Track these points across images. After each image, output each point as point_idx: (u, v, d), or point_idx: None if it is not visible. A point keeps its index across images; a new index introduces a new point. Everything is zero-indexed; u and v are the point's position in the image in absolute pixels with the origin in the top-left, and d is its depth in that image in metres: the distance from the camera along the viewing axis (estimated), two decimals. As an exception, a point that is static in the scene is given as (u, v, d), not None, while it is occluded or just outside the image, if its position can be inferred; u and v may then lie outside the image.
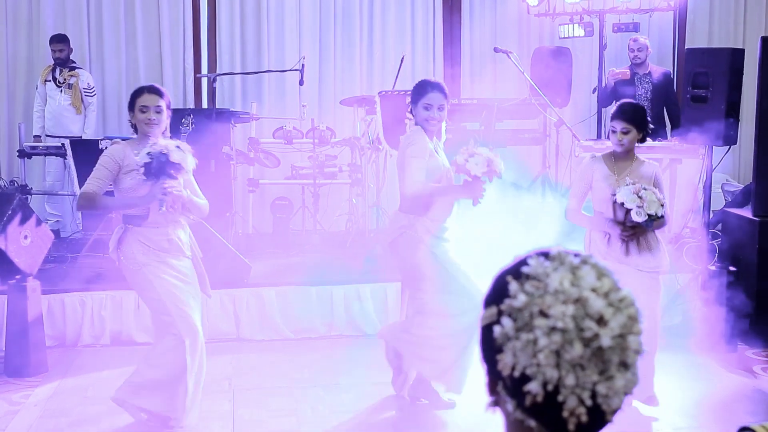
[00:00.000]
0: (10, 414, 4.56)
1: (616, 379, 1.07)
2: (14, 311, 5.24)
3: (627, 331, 1.08)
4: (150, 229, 4.10)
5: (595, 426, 1.10)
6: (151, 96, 4.10)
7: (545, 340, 1.06)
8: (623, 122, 4.40)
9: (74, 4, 8.32)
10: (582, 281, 1.09)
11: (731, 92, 5.97)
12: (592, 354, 1.06)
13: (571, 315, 1.07)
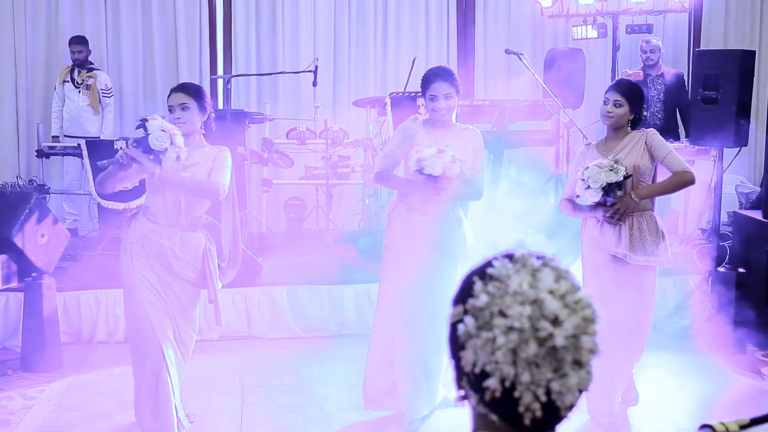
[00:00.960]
0: (25, 408, 4.66)
1: (570, 377, 1.12)
2: (30, 308, 5.34)
3: (581, 332, 1.13)
4: (149, 223, 3.95)
5: (550, 421, 1.16)
6: (177, 95, 4.00)
7: (503, 339, 1.12)
8: (618, 94, 4.17)
9: (92, 5, 8.45)
10: (540, 283, 1.14)
11: (742, 94, 5.97)
12: (546, 353, 1.12)
13: (527, 315, 1.12)
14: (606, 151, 4.19)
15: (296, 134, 7.46)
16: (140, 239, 3.92)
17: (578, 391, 1.16)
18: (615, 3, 8.49)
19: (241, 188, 7.00)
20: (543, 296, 1.14)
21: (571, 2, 8.44)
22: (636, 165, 4.12)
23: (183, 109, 3.94)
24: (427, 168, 3.94)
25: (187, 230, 3.96)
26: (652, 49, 7.76)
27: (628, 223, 4.14)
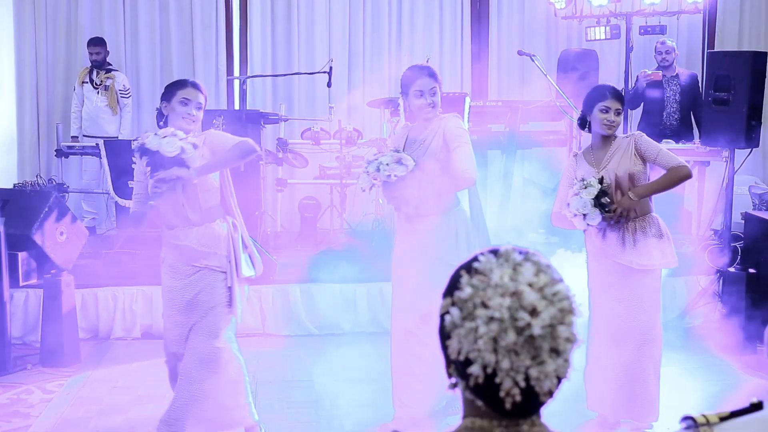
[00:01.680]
0: (44, 402, 4.77)
1: (547, 364, 1.20)
2: (50, 304, 5.46)
3: (557, 322, 1.20)
4: (166, 230, 3.92)
5: (529, 406, 1.23)
6: (194, 91, 3.86)
7: (484, 328, 1.20)
8: (618, 102, 4.08)
9: (111, 7, 8.58)
10: (520, 276, 1.22)
11: (753, 95, 5.99)
12: (524, 341, 1.19)
13: (507, 306, 1.20)
14: (596, 161, 4.13)
15: (311, 134, 7.54)
16: (166, 249, 3.93)
17: (556, 378, 1.22)
18: (628, 4, 8.51)
19: (255, 188, 7.10)
20: (522, 288, 1.21)
21: (585, 3, 8.48)
22: (631, 172, 4.06)
23: (198, 109, 3.88)
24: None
25: (203, 223, 3.88)
26: (668, 50, 7.79)
27: (631, 229, 4.09)
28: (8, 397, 4.85)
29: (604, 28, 8.41)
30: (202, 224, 3.87)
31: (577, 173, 4.13)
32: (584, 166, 4.14)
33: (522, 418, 1.26)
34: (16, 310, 5.73)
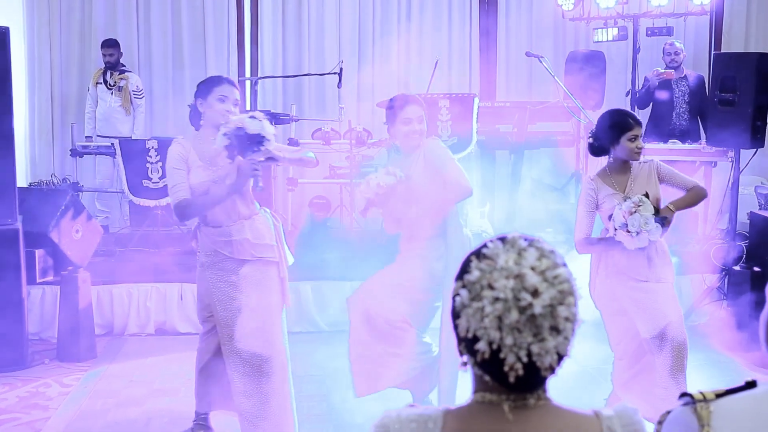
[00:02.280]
0: (62, 395, 4.88)
1: (548, 341, 1.30)
2: (66, 301, 5.57)
3: (557, 302, 1.30)
4: (213, 228, 3.86)
5: (532, 380, 1.33)
6: (230, 87, 3.83)
7: (490, 308, 1.31)
8: (640, 127, 4.08)
9: (124, 9, 8.71)
10: (524, 261, 1.33)
11: (758, 96, 6.08)
12: (526, 319, 1.29)
13: (510, 288, 1.30)
14: (618, 185, 4.07)
15: (321, 134, 7.64)
16: (207, 250, 3.88)
17: (557, 354, 1.32)
18: (635, 6, 8.59)
19: (267, 187, 7.18)
20: (525, 271, 1.31)
21: (592, 5, 8.56)
22: (657, 197, 4.04)
23: (235, 105, 3.83)
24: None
25: (250, 216, 3.87)
26: (676, 51, 7.87)
27: (656, 249, 4.07)
28: (27, 390, 4.96)
29: (611, 29, 8.50)
30: (250, 217, 3.86)
31: (599, 195, 4.05)
32: (606, 189, 4.06)
33: (527, 392, 1.35)
34: (32, 306, 5.84)
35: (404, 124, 4.12)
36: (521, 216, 7.45)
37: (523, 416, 1.36)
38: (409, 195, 4.09)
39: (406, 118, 4.12)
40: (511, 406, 1.36)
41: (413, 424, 1.38)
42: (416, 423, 1.39)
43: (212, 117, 3.79)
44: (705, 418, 1.42)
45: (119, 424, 4.45)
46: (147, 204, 6.75)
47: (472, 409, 1.39)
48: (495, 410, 1.37)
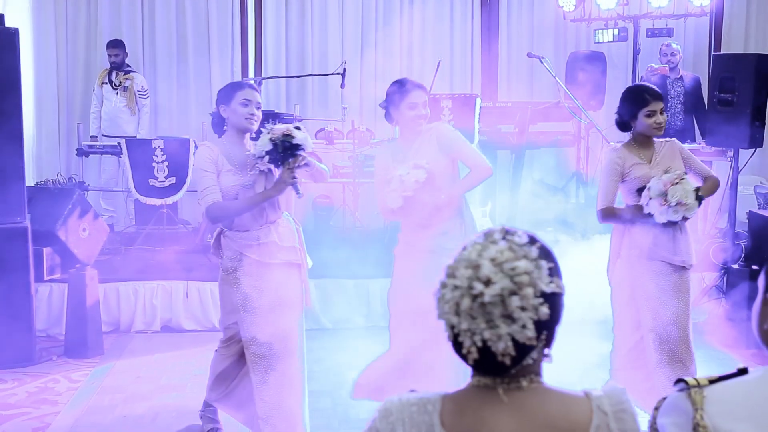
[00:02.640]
0: (71, 390, 4.96)
1: (500, 328, 1.38)
2: (74, 298, 5.65)
3: (509, 293, 1.38)
4: (239, 232, 3.86)
5: (488, 363, 1.41)
6: (252, 91, 3.88)
7: (449, 295, 1.41)
8: (660, 102, 4.04)
9: (129, 10, 8.79)
10: (485, 252, 1.41)
11: (757, 96, 6.15)
12: (478, 307, 1.38)
13: (467, 276, 1.40)
14: (644, 158, 4.06)
15: (324, 134, 7.72)
16: (233, 255, 3.87)
17: (512, 341, 1.39)
18: (636, 7, 8.68)
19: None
20: (482, 262, 1.40)
21: (593, 6, 8.64)
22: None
23: (258, 108, 3.88)
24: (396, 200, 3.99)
25: (275, 220, 3.90)
26: (672, 52, 7.95)
27: (681, 229, 4.05)
28: (36, 385, 5.04)
29: (611, 30, 8.58)
30: (275, 221, 3.90)
31: (625, 164, 4.04)
32: (633, 159, 4.06)
33: (501, 375, 1.43)
34: (40, 303, 5.91)
35: (410, 109, 4.07)
36: (523, 215, 7.51)
37: (517, 398, 1.44)
38: (431, 183, 4.01)
39: (411, 103, 4.07)
40: (505, 388, 1.44)
41: (414, 407, 1.46)
42: (416, 406, 1.46)
43: (237, 122, 3.84)
44: (698, 403, 1.50)
45: (127, 419, 4.53)
46: (153, 203, 6.83)
47: (468, 392, 1.47)
48: (490, 393, 1.45)
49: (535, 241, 1.45)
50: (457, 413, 1.44)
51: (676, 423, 1.52)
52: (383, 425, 1.45)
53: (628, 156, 4.06)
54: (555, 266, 1.46)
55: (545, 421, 1.43)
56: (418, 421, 1.44)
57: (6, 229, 5.36)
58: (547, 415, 1.44)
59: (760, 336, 1.63)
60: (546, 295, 1.41)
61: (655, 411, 1.60)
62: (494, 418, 1.43)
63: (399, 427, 1.44)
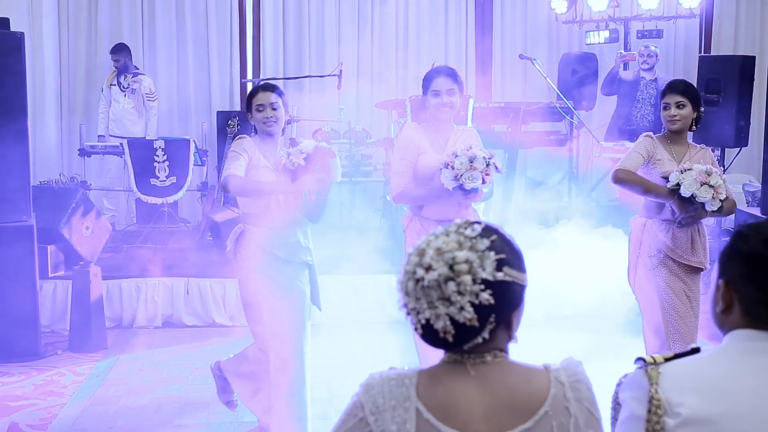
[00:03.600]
0: (76, 383, 5.13)
1: (438, 309, 1.55)
2: (78, 294, 5.81)
3: (445, 279, 1.55)
4: (267, 230, 3.90)
5: (433, 337, 1.60)
6: (265, 94, 3.92)
7: (402, 278, 1.60)
8: (678, 95, 4.04)
9: (130, 13, 8.96)
10: (434, 242, 1.59)
11: (742, 97, 6.34)
12: (420, 289, 1.56)
13: (414, 263, 1.58)
14: (676, 155, 4.06)
15: (321, 134, 7.88)
16: (258, 253, 3.90)
17: (451, 321, 1.56)
18: (627, 9, 8.86)
19: (269, 185, 7.44)
20: (427, 250, 1.58)
21: (585, 8, 8.83)
22: None
23: (274, 108, 3.91)
24: (467, 183, 3.82)
25: (299, 222, 3.98)
26: (649, 54, 8.08)
27: (699, 231, 4.06)
28: (42, 378, 5.20)
29: (603, 32, 8.77)
30: (299, 223, 3.98)
31: (656, 153, 4.05)
32: (664, 153, 4.06)
33: (452, 351, 1.62)
34: (44, 299, 6.06)
35: (434, 96, 3.99)
36: (515, 213, 7.68)
37: (483, 371, 1.62)
38: None
39: (434, 90, 3.99)
40: (472, 363, 1.62)
41: (393, 382, 1.63)
42: (395, 381, 1.63)
43: (260, 127, 3.93)
44: (654, 378, 1.67)
45: (131, 410, 4.69)
46: (154, 201, 7.00)
47: (441, 367, 1.65)
48: (459, 367, 1.63)
49: (490, 235, 1.61)
50: (431, 385, 1.62)
51: (634, 397, 1.69)
52: (366, 398, 1.63)
53: (660, 148, 4.07)
54: (510, 258, 1.61)
55: (508, 390, 1.60)
56: (396, 393, 1.61)
57: (12, 227, 5.52)
58: (510, 385, 1.61)
59: (714, 318, 1.80)
60: (489, 283, 1.57)
61: (618, 387, 1.77)
62: (463, 388, 1.61)
63: (380, 398, 1.61)
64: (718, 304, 1.75)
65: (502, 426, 1.58)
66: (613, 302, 6.00)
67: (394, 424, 1.58)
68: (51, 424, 4.48)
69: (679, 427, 1.62)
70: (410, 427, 1.57)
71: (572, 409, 1.61)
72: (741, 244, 1.71)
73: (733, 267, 1.71)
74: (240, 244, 3.95)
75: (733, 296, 1.71)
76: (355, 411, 1.63)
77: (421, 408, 1.59)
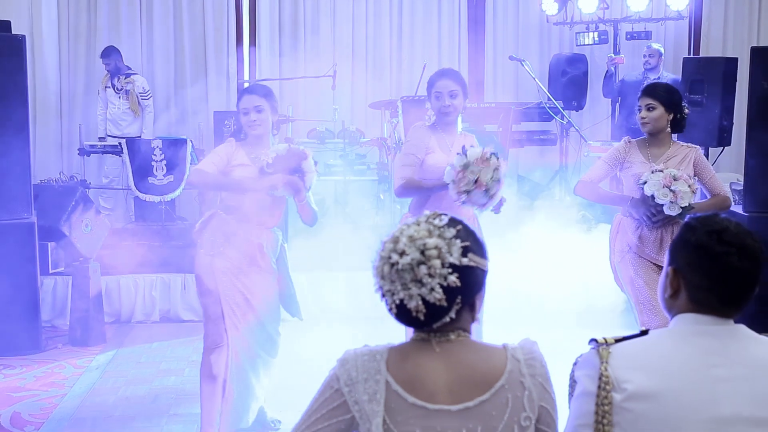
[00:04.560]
0: (76, 375, 5.29)
1: (411, 290, 1.73)
2: (78, 289, 5.98)
3: (418, 263, 1.72)
4: (237, 222, 3.96)
5: (407, 318, 1.77)
6: (249, 97, 3.95)
7: (377, 263, 1.78)
8: (647, 98, 4.09)
9: (128, 14, 9.12)
10: (407, 231, 1.77)
11: (725, 97, 6.50)
12: (395, 272, 1.74)
13: (389, 249, 1.75)
14: (651, 157, 4.10)
15: (316, 134, 8.04)
16: (227, 237, 3.95)
17: (422, 301, 1.73)
18: (617, 11, 9.02)
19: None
20: (401, 238, 1.75)
21: (575, 10, 8.98)
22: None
23: (258, 111, 3.92)
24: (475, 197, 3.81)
25: (271, 227, 4.05)
26: (651, 53, 8.24)
27: (670, 232, 4.06)
28: (44, 370, 5.37)
29: (593, 33, 8.92)
30: (271, 228, 4.06)
31: (628, 158, 4.12)
32: (638, 155, 4.13)
33: (423, 328, 1.78)
34: (45, 295, 6.22)
35: (437, 99, 4.05)
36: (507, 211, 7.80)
37: (447, 348, 1.79)
38: None
39: (437, 92, 4.05)
40: (437, 341, 1.79)
41: (365, 357, 1.80)
42: (368, 356, 1.80)
43: (245, 129, 3.99)
44: (605, 357, 1.84)
45: (129, 400, 4.85)
46: (152, 200, 7.14)
47: (409, 344, 1.83)
48: (426, 344, 1.80)
49: (456, 225, 1.79)
50: (400, 361, 1.79)
51: (587, 374, 1.85)
52: (341, 371, 1.80)
53: (636, 151, 4.14)
54: (473, 246, 1.78)
55: (469, 365, 1.78)
56: (368, 367, 1.78)
57: (14, 224, 5.68)
58: (471, 361, 1.78)
59: (663, 303, 1.96)
60: (456, 267, 1.74)
61: (574, 366, 1.94)
62: (428, 363, 1.78)
63: (353, 371, 1.78)
64: (667, 290, 1.92)
65: (463, 397, 1.75)
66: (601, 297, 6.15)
67: (365, 395, 1.75)
68: (52, 413, 4.64)
69: (624, 401, 1.79)
70: (380, 397, 1.74)
71: (527, 383, 1.78)
72: (689, 235, 1.87)
73: (681, 256, 1.88)
74: (206, 228, 4.00)
75: (681, 283, 1.88)
76: (332, 383, 1.81)
77: (390, 380, 1.76)
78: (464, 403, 1.74)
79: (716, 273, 1.81)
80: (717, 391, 1.77)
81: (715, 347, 1.81)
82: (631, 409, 1.77)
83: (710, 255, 1.82)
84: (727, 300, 1.83)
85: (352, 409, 1.77)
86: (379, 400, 1.74)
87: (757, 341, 1.85)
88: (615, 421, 1.78)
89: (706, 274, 1.84)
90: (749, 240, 1.81)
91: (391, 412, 1.74)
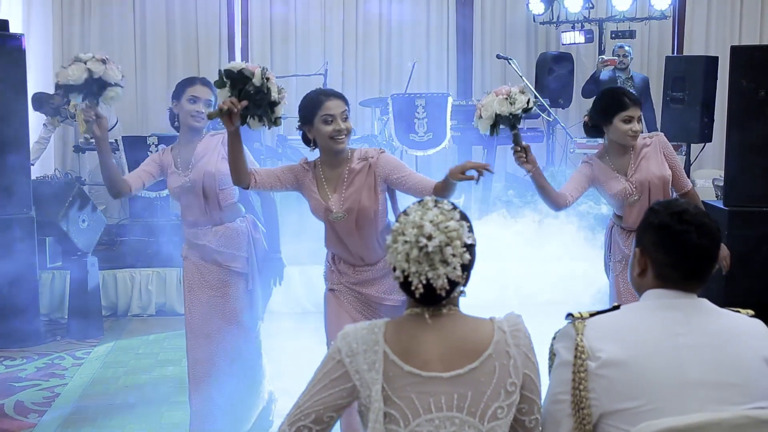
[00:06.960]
0: (76, 365, 5.43)
1: (439, 270, 1.90)
2: (76, 283, 6.12)
3: (444, 244, 1.89)
4: (190, 229, 3.84)
5: (431, 295, 1.92)
6: (203, 88, 3.73)
7: (401, 247, 1.92)
8: (638, 107, 3.73)
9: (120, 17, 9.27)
10: (426, 216, 1.93)
11: (706, 95, 6.69)
12: (423, 255, 1.90)
13: (414, 234, 1.91)
14: (621, 168, 3.77)
15: (308, 132, 8.18)
16: (188, 248, 3.89)
17: (447, 279, 1.90)
18: (602, 10, 9.22)
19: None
20: (424, 223, 1.91)
21: (561, 10, 9.17)
22: (663, 178, 3.73)
23: (207, 106, 3.71)
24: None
25: (224, 222, 3.82)
26: (624, 54, 8.48)
27: None
28: (44, 362, 5.50)
29: (578, 32, 9.12)
30: (223, 224, 3.82)
31: (599, 177, 3.78)
32: (606, 171, 3.78)
33: (438, 304, 1.94)
34: (43, 289, 6.35)
35: (326, 123, 3.34)
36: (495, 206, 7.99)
37: (439, 321, 1.96)
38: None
39: (327, 115, 3.34)
40: (430, 314, 1.96)
41: (364, 330, 1.97)
42: (367, 329, 1.97)
43: (184, 119, 3.73)
44: (580, 330, 2.01)
45: (129, 388, 5.00)
46: (147, 195, 7.28)
47: (405, 318, 2.00)
48: (419, 318, 1.97)
49: (456, 208, 1.97)
50: (396, 332, 1.96)
51: (565, 346, 2.02)
52: (342, 343, 1.97)
53: (602, 169, 3.79)
54: (471, 225, 1.98)
55: (458, 336, 1.95)
56: (367, 339, 1.95)
57: (14, 219, 5.81)
58: (460, 333, 1.96)
59: (632, 282, 2.14)
60: (468, 246, 1.93)
61: (553, 340, 2.11)
62: (422, 334, 1.95)
63: (354, 343, 1.95)
64: (635, 269, 2.10)
65: (454, 365, 1.92)
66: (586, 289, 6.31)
67: (365, 364, 1.92)
68: (54, 402, 4.78)
69: (598, 368, 1.96)
70: (379, 366, 1.91)
71: (512, 352, 1.95)
72: (652, 217, 2.05)
73: (646, 237, 2.06)
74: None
75: (647, 261, 2.06)
76: (334, 355, 1.97)
77: (387, 351, 1.93)
78: (455, 370, 1.91)
79: (678, 250, 1.99)
80: (682, 357, 1.94)
81: (679, 318, 1.99)
82: (605, 376, 1.94)
83: (672, 234, 2.00)
84: (689, 274, 2.00)
85: (353, 378, 1.93)
86: (378, 369, 1.91)
87: (719, 313, 2.03)
88: (590, 387, 1.95)
89: (669, 251, 2.02)
90: (706, 219, 1.99)
91: (388, 379, 1.91)
